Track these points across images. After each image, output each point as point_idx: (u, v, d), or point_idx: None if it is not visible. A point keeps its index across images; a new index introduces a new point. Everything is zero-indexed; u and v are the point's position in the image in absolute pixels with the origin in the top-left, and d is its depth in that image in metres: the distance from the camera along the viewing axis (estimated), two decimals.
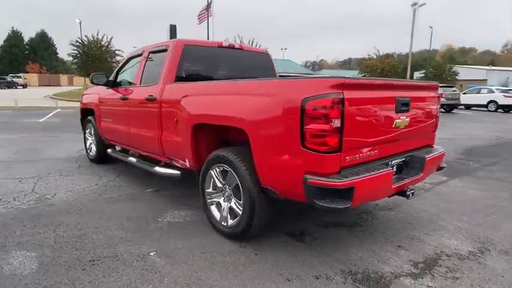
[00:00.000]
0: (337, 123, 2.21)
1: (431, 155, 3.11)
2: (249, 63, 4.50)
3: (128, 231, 3.16)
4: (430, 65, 35.64)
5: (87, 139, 5.94)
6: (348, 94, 2.25)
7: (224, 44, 4.22)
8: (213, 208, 3.19)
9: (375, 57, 32.55)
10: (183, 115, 3.34)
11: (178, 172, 3.79)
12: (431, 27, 37.50)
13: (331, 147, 2.23)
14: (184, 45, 3.86)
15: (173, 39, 3.98)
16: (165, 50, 3.98)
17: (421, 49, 66.92)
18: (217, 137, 3.39)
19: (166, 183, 4.57)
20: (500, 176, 5.46)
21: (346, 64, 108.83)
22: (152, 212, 3.65)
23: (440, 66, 34.07)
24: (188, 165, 3.52)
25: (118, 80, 4.99)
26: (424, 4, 27.50)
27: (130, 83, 4.64)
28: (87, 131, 5.93)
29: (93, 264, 2.57)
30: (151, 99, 3.85)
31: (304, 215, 3.58)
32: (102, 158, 5.62)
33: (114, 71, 5.08)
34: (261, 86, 2.71)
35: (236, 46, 4.35)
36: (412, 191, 2.83)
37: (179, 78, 3.78)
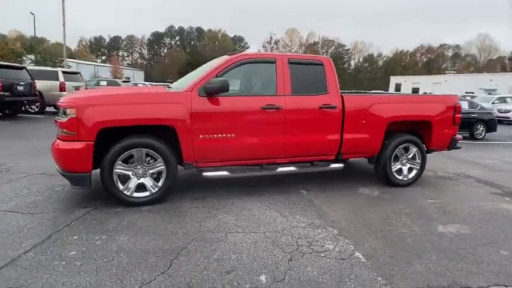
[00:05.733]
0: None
1: None
2: None
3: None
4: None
5: (123, 173, 3.75)
6: None
7: None
8: (395, 173, 5.07)
9: None
10: (374, 117, 4.75)
11: (341, 165, 4.88)
12: (32, 14, 35.98)
13: (460, 124, 5.42)
14: None
15: (325, 56, 4.65)
16: (318, 64, 4.64)
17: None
18: None
19: (293, 184, 4.90)
20: None
21: None
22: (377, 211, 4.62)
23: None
24: (367, 155, 4.94)
25: None
26: None
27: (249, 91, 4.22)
28: (119, 162, 3.71)
29: None
30: (328, 107, 4.50)
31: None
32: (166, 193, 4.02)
33: (212, 77, 3.98)
34: (438, 98, 5.20)
35: None
36: None
37: None
